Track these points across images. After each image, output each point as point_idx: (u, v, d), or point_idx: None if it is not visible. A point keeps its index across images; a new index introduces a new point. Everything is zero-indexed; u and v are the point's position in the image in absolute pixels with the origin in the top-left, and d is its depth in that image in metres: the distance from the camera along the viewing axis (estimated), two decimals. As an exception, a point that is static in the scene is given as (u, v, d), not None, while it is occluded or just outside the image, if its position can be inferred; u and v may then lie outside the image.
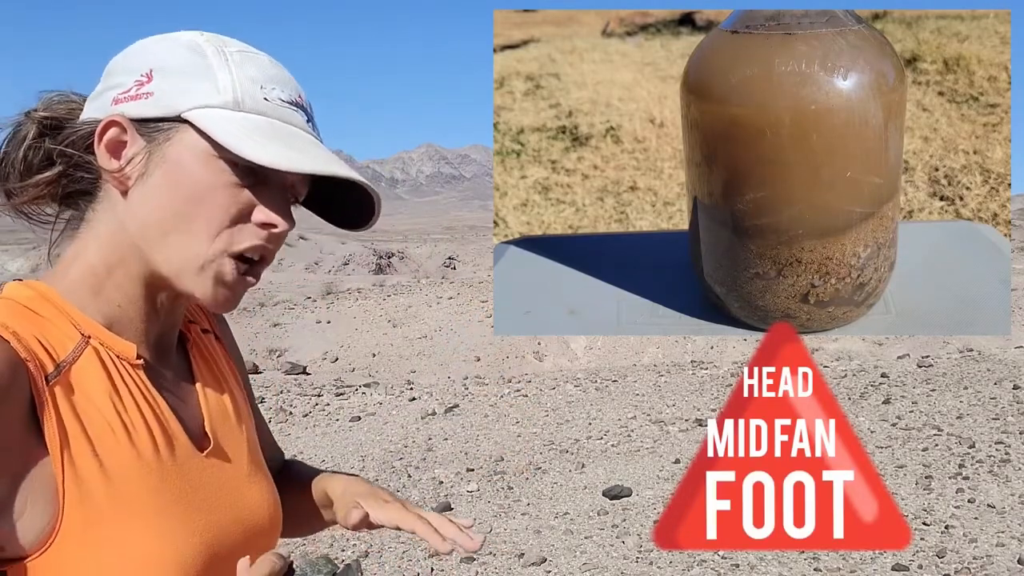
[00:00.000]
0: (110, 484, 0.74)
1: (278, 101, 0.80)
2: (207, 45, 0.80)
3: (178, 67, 0.79)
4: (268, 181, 0.80)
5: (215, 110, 0.77)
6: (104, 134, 0.78)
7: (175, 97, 0.78)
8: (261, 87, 0.80)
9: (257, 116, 0.78)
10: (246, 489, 0.88)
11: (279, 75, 0.82)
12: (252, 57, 0.82)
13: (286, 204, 0.81)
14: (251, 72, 0.80)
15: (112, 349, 0.79)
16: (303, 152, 0.78)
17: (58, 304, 0.79)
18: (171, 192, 0.77)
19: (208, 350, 0.94)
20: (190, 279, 0.79)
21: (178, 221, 0.77)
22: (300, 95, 0.83)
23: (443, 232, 56.37)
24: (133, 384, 0.79)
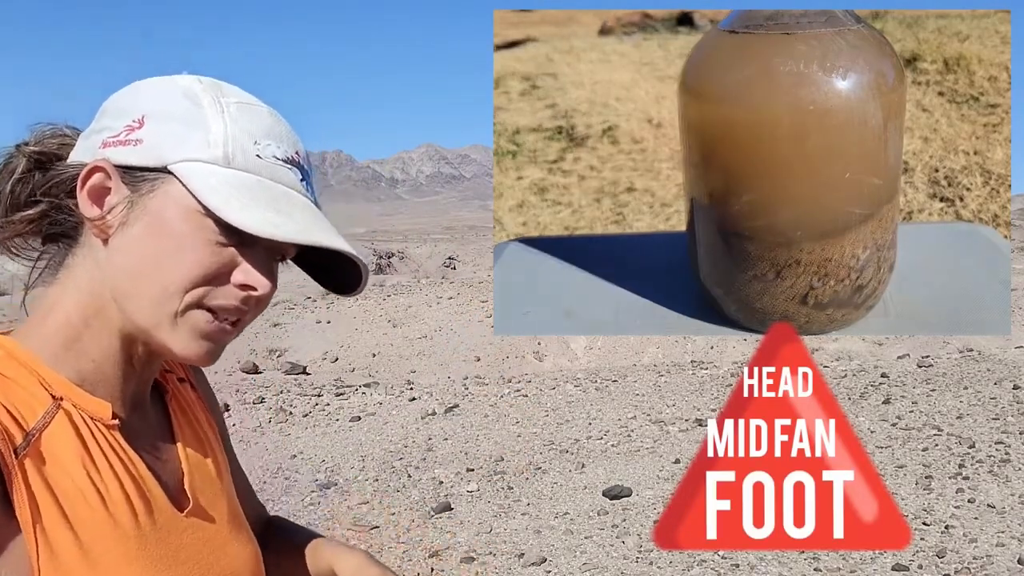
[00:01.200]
0: (86, 556, 0.71)
1: (272, 159, 0.77)
2: (204, 93, 0.77)
3: (171, 115, 0.76)
4: (254, 242, 0.76)
5: (203, 164, 0.74)
6: (88, 179, 0.76)
7: (164, 147, 0.75)
8: (256, 142, 0.77)
9: (246, 174, 0.75)
10: (228, 548, 0.86)
11: (277, 129, 0.79)
12: (250, 109, 0.79)
13: (270, 265, 0.78)
14: (246, 126, 0.77)
15: (85, 410, 0.76)
16: (289, 217, 0.75)
17: (27, 363, 0.75)
18: (151, 244, 0.74)
19: (186, 402, 0.92)
20: (167, 333, 0.76)
21: (154, 273, 0.74)
22: (298, 151, 0.80)
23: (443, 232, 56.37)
24: (108, 446, 0.76)
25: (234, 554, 0.86)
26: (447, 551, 4.39)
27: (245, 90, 0.82)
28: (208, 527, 0.84)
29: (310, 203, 0.79)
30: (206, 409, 0.95)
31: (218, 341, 0.78)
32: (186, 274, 0.74)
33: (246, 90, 0.82)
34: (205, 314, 0.76)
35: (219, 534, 0.85)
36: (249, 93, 0.81)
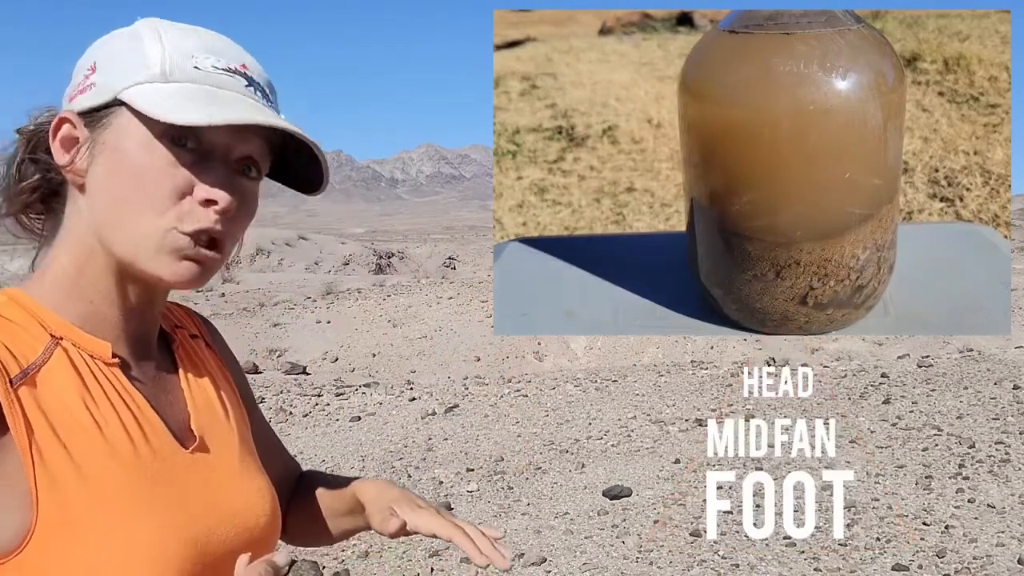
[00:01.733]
0: (84, 482, 0.73)
1: (211, 68, 0.78)
2: (145, 28, 0.80)
3: (116, 53, 0.79)
4: (210, 157, 0.78)
5: (144, 86, 0.76)
6: (57, 132, 0.79)
7: (111, 82, 0.78)
8: (192, 56, 0.78)
9: (187, 84, 0.77)
10: (236, 486, 0.86)
11: (219, 46, 0.80)
12: (190, 32, 0.80)
13: (229, 179, 0.79)
14: (184, 45, 0.79)
15: (85, 349, 0.78)
16: (226, 106, 0.76)
17: (30, 308, 0.78)
18: (114, 178, 0.77)
19: (195, 352, 0.93)
20: (149, 260, 0.78)
21: (124, 204, 0.77)
22: (244, 64, 0.81)
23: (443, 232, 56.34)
24: (107, 383, 0.78)
25: (243, 492, 0.86)
26: (447, 551, 4.39)
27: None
28: (214, 465, 0.85)
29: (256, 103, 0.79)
30: (221, 363, 0.97)
31: (202, 263, 0.79)
32: (151, 200, 0.76)
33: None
34: (183, 237, 0.77)
35: (226, 473, 0.86)
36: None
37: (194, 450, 0.83)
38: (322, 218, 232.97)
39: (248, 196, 0.81)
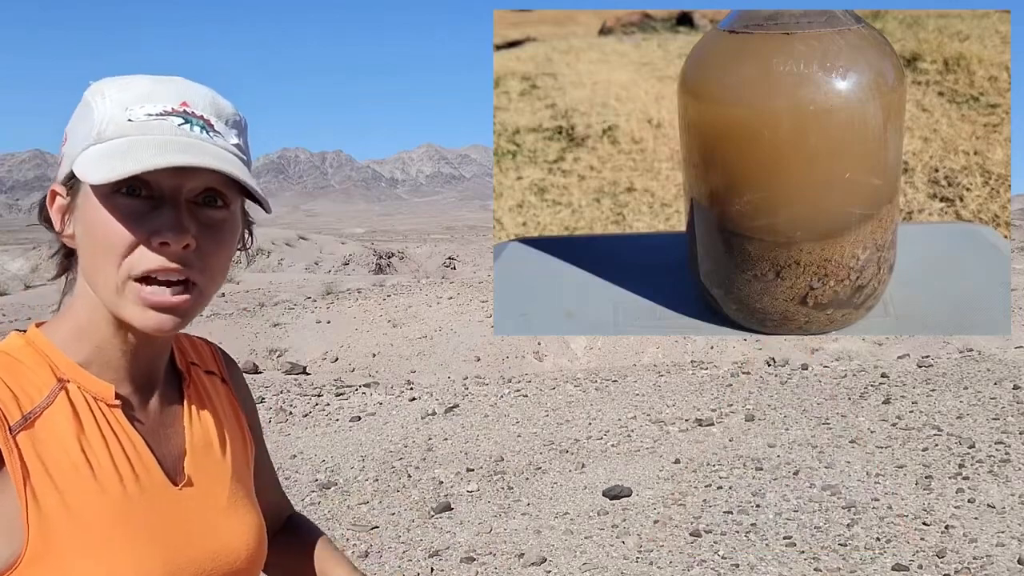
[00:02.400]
0: (72, 518, 0.78)
1: (143, 117, 0.81)
2: (92, 94, 0.84)
3: (76, 123, 0.85)
4: (163, 201, 0.81)
5: (88, 150, 0.81)
6: (52, 203, 0.87)
7: (71, 152, 0.84)
8: (126, 109, 0.82)
9: (114, 141, 0.81)
10: (222, 522, 0.91)
11: (154, 91, 0.83)
12: (128, 84, 0.84)
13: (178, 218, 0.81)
14: (119, 98, 0.82)
15: (89, 391, 0.84)
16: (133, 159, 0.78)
17: (44, 349, 0.85)
18: (85, 237, 0.83)
19: (206, 391, 0.98)
20: (119, 309, 0.83)
21: (93, 259, 0.82)
22: (185, 102, 0.83)
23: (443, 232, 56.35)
24: (106, 424, 0.84)
25: (229, 528, 0.90)
26: (447, 551, 4.39)
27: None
28: (203, 503, 0.89)
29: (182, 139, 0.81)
30: (233, 398, 1.02)
31: (166, 308, 0.82)
32: (108, 251, 0.81)
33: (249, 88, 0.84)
34: (139, 285, 0.81)
35: (213, 508, 0.90)
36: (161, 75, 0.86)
37: (183, 486, 0.88)
38: (322, 218, 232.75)
39: (216, 225, 0.84)
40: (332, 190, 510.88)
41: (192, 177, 0.81)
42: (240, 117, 0.89)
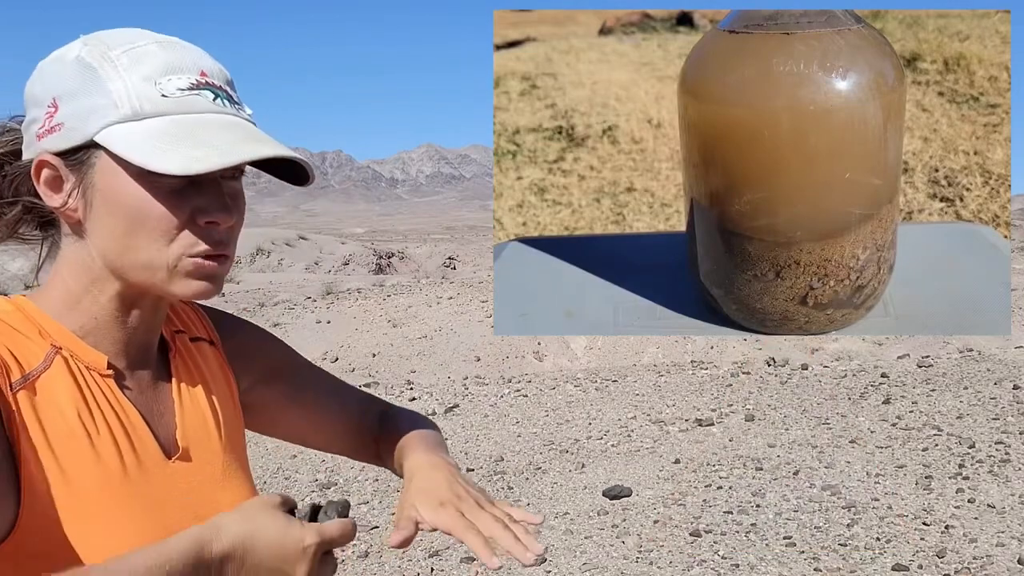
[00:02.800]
0: (68, 486, 0.76)
1: (177, 92, 0.79)
2: (91, 57, 0.79)
3: (75, 90, 0.79)
4: (202, 180, 0.80)
5: (119, 126, 0.77)
6: (39, 176, 0.81)
7: (80, 123, 0.79)
8: (156, 83, 0.78)
9: (159, 119, 0.78)
10: (218, 494, 0.89)
11: (172, 60, 0.80)
12: (139, 52, 0.80)
13: (222, 197, 0.81)
14: (143, 71, 0.79)
15: (82, 360, 0.82)
16: (209, 145, 0.77)
17: (34, 317, 0.82)
18: (114, 216, 0.79)
19: (194, 360, 0.95)
20: (166, 284, 0.81)
21: (132, 238, 0.79)
22: (203, 71, 0.81)
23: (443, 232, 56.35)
24: (101, 394, 0.82)
25: (224, 503, 0.88)
26: (447, 551, 4.39)
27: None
28: (197, 475, 0.88)
29: (230, 118, 0.81)
30: (225, 367, 0.99)
31: (213, 277, 0.82)
32: (157, 232, 0.79)
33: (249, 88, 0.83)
34: (192, 260, 0.80)
35: (208, 481, 0.89)
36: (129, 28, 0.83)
37: (176, 460, 0.87)
38: (322, 218, 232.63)
39: (238, 196, 0.84)
40: (332, 190, 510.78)
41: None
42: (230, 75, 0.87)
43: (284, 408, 1.06)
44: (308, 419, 1.08)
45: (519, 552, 0.86)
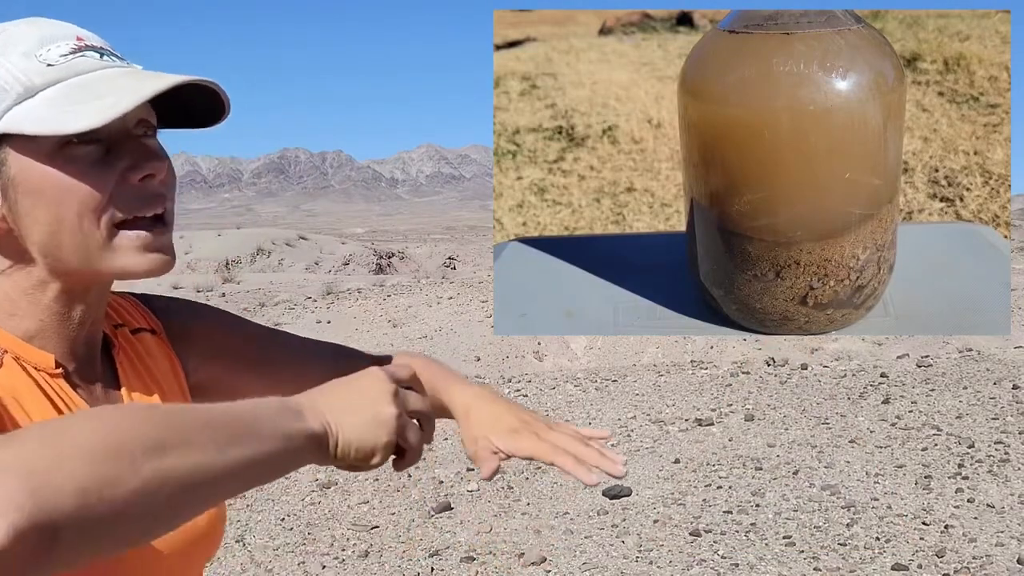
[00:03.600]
0: None
1: (60, 59, 0.75)
2: None
3: None
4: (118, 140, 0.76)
5: (15, 109, 0.73)
6: None
7: None
8: (36, 56, 0.74)
9: (52, 87, 0.74)
10: None
11: (45, 33, 0.76)
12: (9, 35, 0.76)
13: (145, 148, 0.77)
14: (19, 49, 0.75)
15: (29, 361, 0.79)
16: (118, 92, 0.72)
17: None
18: (41, 207, 0.75)
19: (138, 351, 0.92)
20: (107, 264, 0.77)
21: (63, 224, 0.75)
22: (78, 36, 0.78)
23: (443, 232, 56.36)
24: (53, 393, 0.79)
25: None
26: (447, 551, 4.39)
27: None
28: None
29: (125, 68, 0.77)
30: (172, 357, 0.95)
31: (160, 247, 0.78)
32: (79, 208, 0.75)
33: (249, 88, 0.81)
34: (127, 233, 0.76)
35: None
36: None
37: None
38: (322, 218, 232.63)
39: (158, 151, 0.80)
40: (332, 190, 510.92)
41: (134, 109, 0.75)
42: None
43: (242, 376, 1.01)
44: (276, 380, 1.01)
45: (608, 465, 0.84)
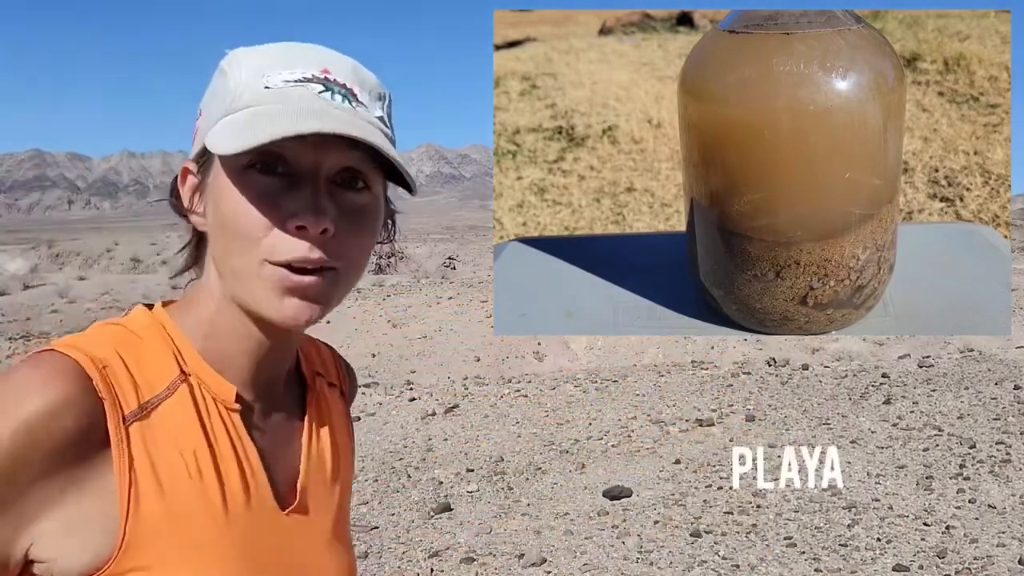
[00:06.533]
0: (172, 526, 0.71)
1: (281, 84, 0.73)
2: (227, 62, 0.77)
3: (210, 95, 0.77)
4: (299, 179, 0.72)
5: (219, 123, 0.73)
6: (184, 182, 0.79)
7: (204, 127, 0.76)
8: (263, 76, 0.73)
9: (248, 109, 0.72)
10: (323, 556, 0.82)
11: (292, 56, 0.75)
12: (266, 49, 0.76)
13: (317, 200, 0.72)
14: (255, 66, 0.74)
15: (210, 389, 0.77)
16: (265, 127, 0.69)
17: (171, 336, 0.78)
18: (215, 219, 0.74)
19: (327, 406, 0.90)
20: (252, 298, 0.74)
21: (226, 243, 0.73)
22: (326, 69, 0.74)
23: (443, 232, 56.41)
24: (222, 429, 0.76)
25: (325, 567, 0.82)
26: (447, 551, 4.38)
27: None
28: (307, 533, 0.81)
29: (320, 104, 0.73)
30: (349, 422, 0.93)
31: (304, 295, 0.73)
32: (240, 235, 0.72)
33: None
34: (277, 270, 0.72)
35: (318, 542, 0.82)
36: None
37: (291, 512, 0.80)
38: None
39: (356, 210, 0.75)
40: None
41: (331, 153, 0.72)
42: (385, 91, 0.79)
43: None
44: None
45: None
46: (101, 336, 0.75)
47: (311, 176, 0.72)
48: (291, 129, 0.68)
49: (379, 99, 0.77)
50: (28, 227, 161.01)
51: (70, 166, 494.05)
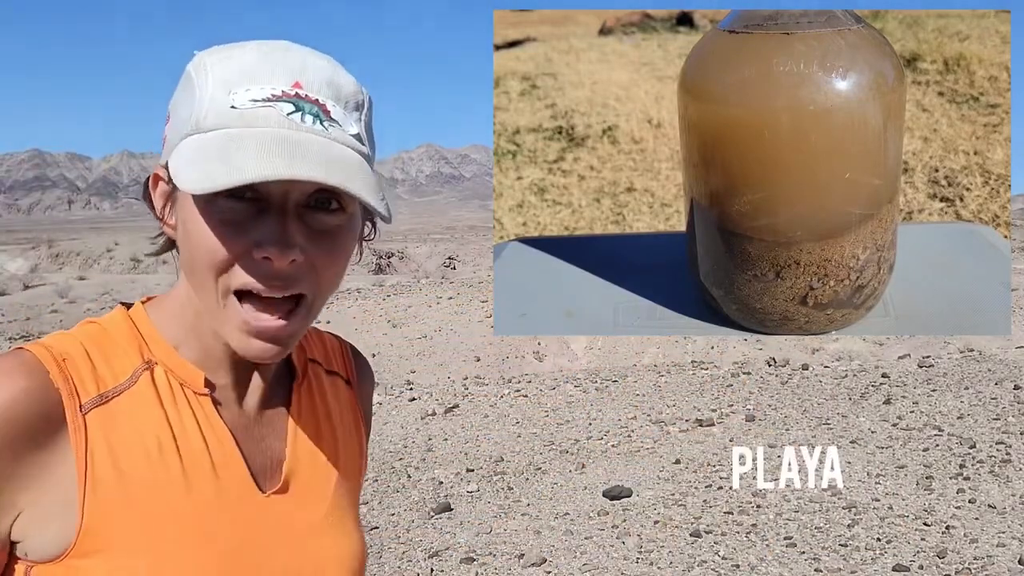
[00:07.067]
0: (130, 511, 0.72)
1: (248, 104, 0.70)
2: (193, 65, 0.74)
3: (177, 101, 0.75)
4: (268, 205, 0.70)
5: (183, 142, 0.71)
6: (155, 188, 0.77)
7: (172, 139, 0.74)
8: (230, 92, 0.71)
9: (213, 133, 0.70)
10: (311, 539, 0.81)
11: (261, 67, 0.72)
12: (232, 55, 0.73)
13: (282, 229, 0.70)
14: (222, 76, 0.71)
15: (177, 375, 0.77)
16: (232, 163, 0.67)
17: (140, 326, 0.79)
18: (184, 241, 0.73)
19: (324, 391, 0.89)
20: (220, 327, 0.74)
21: (192, 268, 0.73)
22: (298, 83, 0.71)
23: (443, 232, 56.44)
24: (189, 413, 0.77)
25: (315, 550, 0.81)
26: (447, 551, 4.38)
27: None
28: (292, 515, 0.81)
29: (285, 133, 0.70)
30: (357, 410, 0.93)
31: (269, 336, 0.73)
32: (205, 261, 0.71)
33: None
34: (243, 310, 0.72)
35: (303, 525, 0.81)
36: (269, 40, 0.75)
37: (271, 493, 0.80)
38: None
39: (329, 232, 0.73)
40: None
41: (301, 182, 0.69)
42: (363, 96, 0.76)
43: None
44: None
45: None
46: (74, 333, 0.78)
47: (279, 204, 0.70)
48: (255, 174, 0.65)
49: (356, 109, 0.75)
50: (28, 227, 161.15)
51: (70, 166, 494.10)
